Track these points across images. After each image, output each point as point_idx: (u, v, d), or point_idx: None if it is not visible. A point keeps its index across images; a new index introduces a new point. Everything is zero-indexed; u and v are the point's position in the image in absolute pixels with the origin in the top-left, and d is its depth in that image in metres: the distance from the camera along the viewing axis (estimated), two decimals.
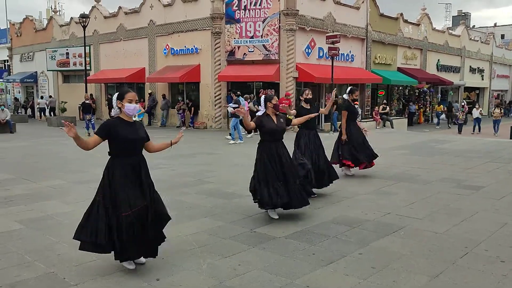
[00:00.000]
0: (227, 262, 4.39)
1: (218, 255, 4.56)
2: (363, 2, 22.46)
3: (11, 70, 33.69)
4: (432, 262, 4.37)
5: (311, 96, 7.26)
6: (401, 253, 4.59)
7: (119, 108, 4.13)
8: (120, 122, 4.12)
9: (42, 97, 28.89)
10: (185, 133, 5.02)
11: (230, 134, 15.14)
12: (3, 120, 19.21)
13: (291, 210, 5.90)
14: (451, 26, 42.99)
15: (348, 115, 8.50)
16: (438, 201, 6.73)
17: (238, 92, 16.72)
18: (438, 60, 29.55)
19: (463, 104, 27.04)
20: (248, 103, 17.00)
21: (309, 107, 7.13)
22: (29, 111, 31.53)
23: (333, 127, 19.17)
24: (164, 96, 21.84)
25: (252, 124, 5.81)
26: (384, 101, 24.16)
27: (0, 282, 3.94)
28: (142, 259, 4.29)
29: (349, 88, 8.71)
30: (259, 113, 5.92)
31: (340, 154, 8.51)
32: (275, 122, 5.82)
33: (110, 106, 5.03)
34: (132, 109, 4.11)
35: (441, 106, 28.07)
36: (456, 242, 4.91)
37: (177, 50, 21.32)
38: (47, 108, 28.02)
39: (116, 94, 4.17)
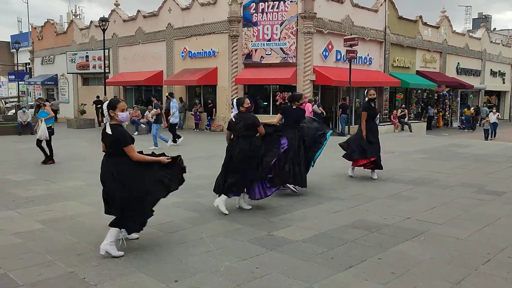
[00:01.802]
0: (245, 265, 4.38)
1: (235, 258, 4.55)
2: (381, 4, 22.27)
3: (32, 73, 34.39)
4: (454, 268, 4.29)
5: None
6: (422, 259, 4.52)
7: (111, 116, 4.65)
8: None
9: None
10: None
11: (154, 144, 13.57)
12: (24, 121, 19.59)
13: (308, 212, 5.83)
14: (471, 28, 42.31)
15: (367, 115, 8.66)
16: (458, 206, 6.61)
17: (167, 95, 14.96)
18: (458, 63, 29.08)
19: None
20: (312, 105, 17.08)
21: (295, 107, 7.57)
22: None
23: (340, 128, 19.21)
24: (181, 99, 21.99)
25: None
26: (403, 105, 23.89)
27: (22, 281, 4.00)
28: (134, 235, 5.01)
29: (366, 90, 8.95)
30: (232, 115, 6.39)
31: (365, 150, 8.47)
32: None
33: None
34: (125, 116, 4.73)
35: (471, 109, 27.53)
36: (478, 248, 4.82)
37: (194, 53, 21.46)
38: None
39: (107, 103, 4.74)
